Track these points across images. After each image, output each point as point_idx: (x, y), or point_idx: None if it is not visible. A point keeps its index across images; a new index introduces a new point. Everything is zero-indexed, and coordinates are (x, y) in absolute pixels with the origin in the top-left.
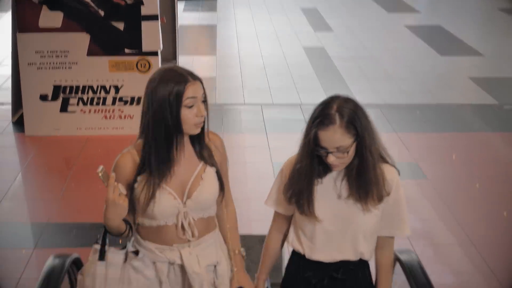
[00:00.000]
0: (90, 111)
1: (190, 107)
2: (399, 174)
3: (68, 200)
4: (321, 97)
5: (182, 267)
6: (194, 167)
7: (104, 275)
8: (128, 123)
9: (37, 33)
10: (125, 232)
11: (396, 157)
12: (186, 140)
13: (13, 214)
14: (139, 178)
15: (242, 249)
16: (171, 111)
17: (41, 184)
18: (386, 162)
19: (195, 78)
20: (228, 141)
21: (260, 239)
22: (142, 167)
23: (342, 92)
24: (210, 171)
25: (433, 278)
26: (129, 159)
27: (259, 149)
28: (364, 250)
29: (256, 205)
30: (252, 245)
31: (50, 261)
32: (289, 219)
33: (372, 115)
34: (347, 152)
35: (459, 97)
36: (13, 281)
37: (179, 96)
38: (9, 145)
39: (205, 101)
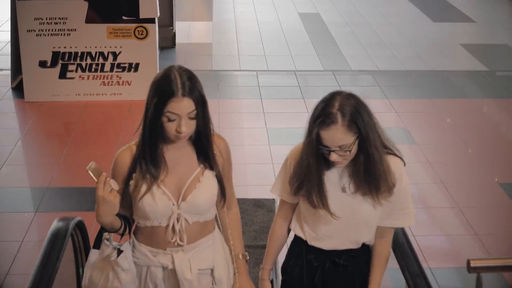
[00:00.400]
0: (88, 77)
1: (171, 120)
2: (404, 164)
3: (68, 165)
4: (315, 63)
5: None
6: (193, 169)
7: (94, 263)
8: (126, 89)
9: (36, 0)
10: (120, 229)
11: (386, 123)
12: (185, 141)
13: (14, 179)
14: (134, 175)
15: (245, 253)
16: (152, 118)
17: (41, 149)
18: (391, 153)
19: (185, 95)
20: (224, 107)
21: (255, 202)
22: (135, 165)
23: (336, 58)
24: (209, 175)
25: (419, 240)
26: (128, 155)
27: (254, 114)
28: (365, 238)
29: (251, 170)
30: (247, 208)
31: (55, 224)
32: (294, 207)
33: (365, 81)
34: (349, 151)
35: (451, 63)
36: (16, 244)
37: (159, 108)
38: (8, 111)
39: (195, 118)
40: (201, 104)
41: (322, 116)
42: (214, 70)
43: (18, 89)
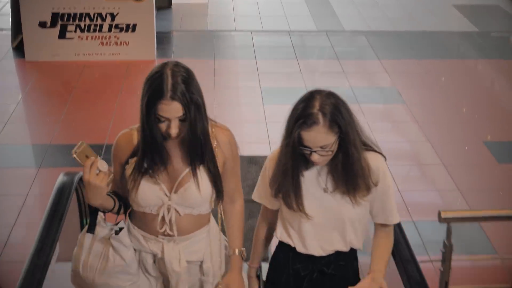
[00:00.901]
0: (87, 37)
1: (162, 121)
2: (385, 159)
3: (69, 122)
4: (309, 24)
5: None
6: (189, 163)
7: (89, 247)
8: (124, 49)
9: None
10: (114, 208)
11: (377, 83)
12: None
13: (18, 136)
14: (130, 160)
15: (243, 249)
16: (145, 115)
17: (42, 108)
18: (371, 149)
19: (174, 98)
20: (219, 67)
21: (249, 159)
22: (136, 150)
23: (330, 18)
24: (204, 172)
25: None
26: (129, 138)
27: (249, 74)
28: (352, 238)
29: (246, 128)
30: (241, 165)
31: (61, 178)
32: (276, 212)
33: (358, 42)
34: (331, 151)
35: (443, 24)
36: (20, 197)
37: (149, 108)
38: (10, 70)
39: (185, 120)
40: (194, 107)
41: (302, 117)
42: (210, 31)
43: (18, 48)
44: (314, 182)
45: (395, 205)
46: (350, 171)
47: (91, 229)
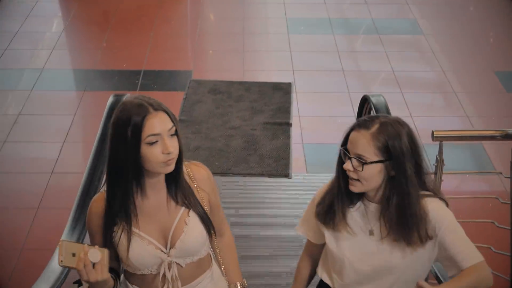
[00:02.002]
0: None
1: (153, 143)
2: (447, 205)
3: (110, 49)
4: None
5: None
6: (177, 211)
7: None
8: None
9: None
10: (116, 285)
11: (396, 14)
12: (162, 180)
13: (63, 61)
14: (115, 228)
15: (243, 280)
16: (129, 148)
17: (84, 35)
18: (432, 195)
19: (158, 108)
20: None
21: (273, 85)
22: (108, 215)
23: None
24: (194, 216)
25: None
26: (101, 205)
27: (276, 5)
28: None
29: (270, 56)
30: (266, 90)
31: (111, 99)
32: (320, 248)
33: None
34: (363, 165)
35: None
36: (68, 117)
37: (136, 132)
38: (53, 1)
39: (176, 134)
40: (176, 120)
41: (362, 120)
42: None
43: None
44: (359, 223)
45: (471, 244)
46: (406, 217)
47: None
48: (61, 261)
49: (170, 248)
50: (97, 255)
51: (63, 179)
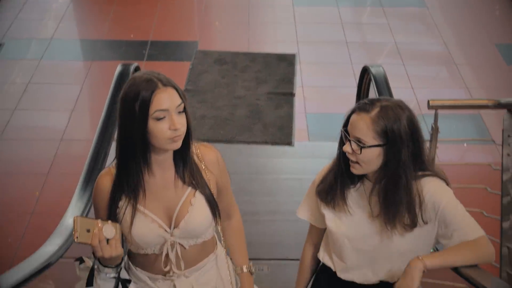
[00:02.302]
0: None
1: (160, 119)
2: (447, 184)
3: (117, 21)
4: None
5: None
6: (183, 191)
7: None
8: None
9: None
10: (122, 261)
11: None
12: (170, 159)
13: (71, 32)
14: (120, 204)
15: (250, 264)
16: (138, 124)
17: (92, 6)
18: (430, 174)
19: (166, 84)
20: None
21: (278, 57)
22: (116, 191)
23: None
24: (200, 197)
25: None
26: (108, 180)
27: None
28: (398, 272)
29: (276, 28)
30: (271, 61)
31: (119, 68)
32: (322, 233)
33: None
34: (362, 147)
35: None
36: (77, 86)
37: (144, 108)
38: None
39: (184, 111)
40: (185, 98)
41: (363, 102)
42: None
43: None
44: (361, 204)
45: (472, 220)
46: (392, 197)
47: (90, 283)
48: (77, 237)
49: (173, 228)
50: (112, 230)
51: (71, 146)
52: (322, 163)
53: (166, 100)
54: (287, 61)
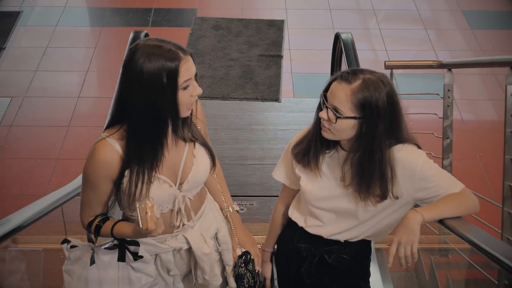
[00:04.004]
0: None
1: (185, 88)
2: (419, 147)
3: None
4: None
5: (189, 249)
6: (182, 147)
7: (99, 279)
8: None
9: None
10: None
11: None
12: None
13: (82, 1)
14: (126, 172)
15: (235, 205)
16: (167, 95)
17: None
18: (404, 142)
19: (186, 53)
20: None
21: (268, 22)
22: (129, 161)
23: None
24: (200, 148)
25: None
26: (112, 150)
27: None
28: (365, 235)
29: None
30: (262, 26)
31: (132, 35)
32: (295, 194)
33: None
34: (336, 118)
35: None
36: (90, 50)
37: (173, 79)
38: None
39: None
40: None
41: (346, 72)
42: None
43: None
44: (331, 168)
45: (449, 175)
46: (366, 171)
47: (92, 261)
48: (144, 225)
49: (180, 183)
50: (157, 208)
51: (87, 102)
52: (304, 116)
53: (191, 69)
54: (276, 27)
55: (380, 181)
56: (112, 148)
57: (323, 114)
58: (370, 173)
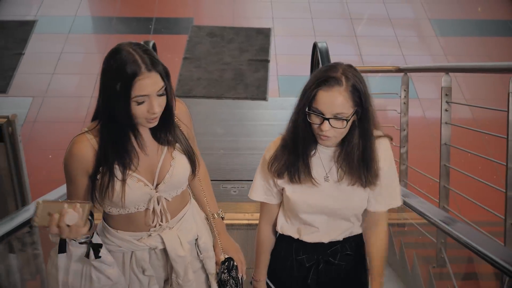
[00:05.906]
0: None
1: (140, 103)
2: (391, 139)
3: (126, 0)
4: None
5: (164, 250)
6: (161, 148)
7: (66, 268)
8: None
9: None
10: (91, 229)
11: None
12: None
13: (91, 11)
14: (101, 169)
15: (220, 211)
16: (120, 103)
17: None
18: (381, 135)
19: (151, 69)
20: None
21: (257, 30)
22: (102, 157)
23: None
24: (180, 148)
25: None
26: (87, 146)
27: None
28: (354, 227)
29: (252, 4)
30: (251, 34)
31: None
32: (277, 208)
33: None
34: (347, 120)
35: None
36: (100, 55)
37: (126, 89)
38: None
39: (165, 94)
40: (167, 77)
41: (324, 77)
42: None
43: None
44: (318, 170)
45: (399, 187)
46: (367, 155)
47: (62, 249)
48: (36, 222)
49: (157, 184)
50: (74, 217)
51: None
52: (289, 113)
53: (147, 87)
54: (264, 34)
55: (375, 161)
56: (89, 144)
57: (325, 127)
58: (370, 158)
